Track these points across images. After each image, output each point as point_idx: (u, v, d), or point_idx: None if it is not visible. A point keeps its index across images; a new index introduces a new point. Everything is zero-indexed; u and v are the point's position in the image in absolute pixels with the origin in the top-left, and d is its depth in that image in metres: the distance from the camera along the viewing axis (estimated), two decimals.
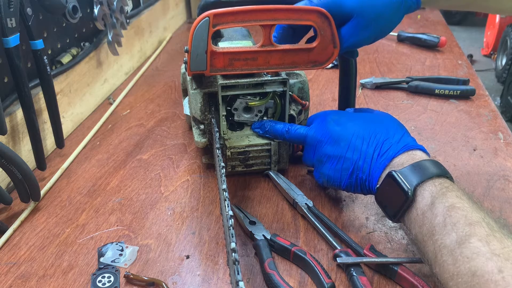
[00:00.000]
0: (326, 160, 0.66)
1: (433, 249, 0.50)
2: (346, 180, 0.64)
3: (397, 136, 0.61)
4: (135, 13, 1.31)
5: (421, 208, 0.53)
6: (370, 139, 0.62)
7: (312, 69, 0.71)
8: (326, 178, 0.66)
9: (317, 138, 0.67)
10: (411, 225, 0.54)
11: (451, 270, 0.46)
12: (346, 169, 0.63)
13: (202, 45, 0.68)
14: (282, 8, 0.67)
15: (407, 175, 0.55)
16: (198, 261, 0.64)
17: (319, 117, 0.70)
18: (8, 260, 0.66)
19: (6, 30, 0.72)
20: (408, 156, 0.58)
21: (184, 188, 0.80)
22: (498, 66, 3.46)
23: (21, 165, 0.70)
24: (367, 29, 0.66)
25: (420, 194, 0.53)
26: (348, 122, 0.66)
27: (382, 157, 0.59)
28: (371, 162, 0.60)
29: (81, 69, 1.01)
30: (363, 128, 0.64)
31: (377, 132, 0.62)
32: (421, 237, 0.52)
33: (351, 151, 0.63)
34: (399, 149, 0.59)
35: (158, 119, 1.03)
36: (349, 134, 0.64)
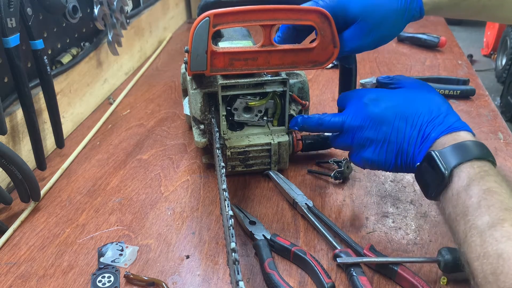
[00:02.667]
0: (369, 145, 0.64)
1: (464, 229, 0.50)
2: (391, 163, 0.62)
3: (441, 117, 0.59)
4: (135, 13, 1.31)
5: (457, 188, 0.52)
6: (413, 120, 0.60)
7: (312, 69, 0.71)
8: (370, 162, 0.64)
9: (356, 123, 0.65)
10: (445, 204, 0.54)
11: (478, 250, 0.46)
12: (390, 152, 0.62)
13: (202, 45, 0.68)
14: (282, 8, 0.67)
15: (446, 155, 0.54)
16: (198, 261, 0.64)
17: (353, 99, 0.67)
18: (8, 260, 0.66)
19: (6, 30, 0.72)
20: (451, 137, 0.57)
21: (184, 188, 0.80)
22: (498, 66, 3.46)
23: (21, 165, 0.70)
24: (370, 34, 0.66)
25: (457, 175, 0.53)
26: (389, 102, 0.63)
27: (426, 139, 0.59)
28: (415, 145, 0.60)
29: (81, 69, 1.01)
30: (405, 107, 0.62)
31: (420, 112, 0.61)
32: (454, 216, 0.52)
33: (395, 134, 0.61)
34: (442, 131, 0.58)
35: (158, 119, 1.03)
36: (391, 116, 0.62)
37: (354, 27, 0.66)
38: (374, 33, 0.66)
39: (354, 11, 0.66)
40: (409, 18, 0.66)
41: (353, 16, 0.66)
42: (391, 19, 0.65)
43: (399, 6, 0.65)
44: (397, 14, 0.65)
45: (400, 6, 0.65)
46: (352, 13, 0.66)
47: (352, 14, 0.66)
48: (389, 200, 0.76)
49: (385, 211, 0.73)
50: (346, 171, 0.80)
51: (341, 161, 0.80)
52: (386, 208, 0.74)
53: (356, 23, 0.66)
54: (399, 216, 0.72)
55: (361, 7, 0.65)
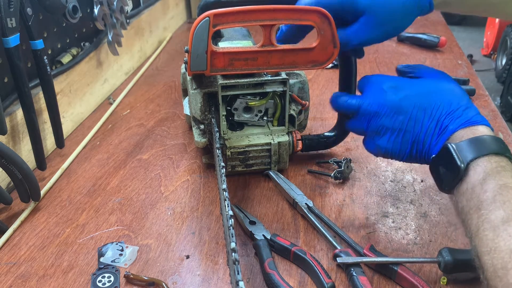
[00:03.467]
0: (384, 132, 0.62)
1: (477, 223, 0.49)
2: (406, 153, 0.62)
3: (460, 110, 0.58)
4: (135, 13, 1.31)
5: (472, 182, 0.52)
6: (432, 111, 0.59)
7: (312, 69, 0.71)
8: (384, 151, 0.63)
9: (373, 110, 0.63)
10: (459, 197, 0.54)
11: (490, 245, 0.46)
12: (406, 141, 0.61)
13: (203, 45, 0.68)
14: (282, 8, 0.67)
15: (463, 149, 0.54)
16: (198, 261, 0.64)
17: (373, 84, 0.66)
18: (8, 260, 0.66)
19: (6, 30, 0.72)
20: (469, 131, 0.56)
21: (184, 188, 0.80)
22: (498, 66, 3.46)
23: (21, 165, 0.70)
24: (379, 27, 0.65)
25: (473, 169, 0.52)
26: (408, 91, 0.62)
27: (443, 131, 0.58)
28: (432, 136, 0.59)
29: (81, 69, 1.01)
30: (425, 98, 0.61)
31: (439, 103, 0.60)
32: (468, 210, 0.51)
33: (412, 124, 0.60)
34: (460, 124, 0.57)
35: (158, 119, 1.03)
36: (410, 106, 0.61)
37: (363, 20, 0.65)
38: (383, 27, 0.65)
39: (362, 4, 0.65)
40: (418, 11, 0.66)
41: (362, 9, 0.65)
42: (401, 12, 0.65)
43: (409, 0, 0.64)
44: (406, 8, 0.65)
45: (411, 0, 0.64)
46: (360, 6, 0.65)
47: (361, 7, 0.65)
48: (389, 200, 0.76)
49: (385, 211, 0.73)
50: (346, 171, 0.80)
51: (341, 161, 0.80)
52: (386, 208, 0.74)
53: (365, 16, 0.65)
54: (399, 216, 0.72)
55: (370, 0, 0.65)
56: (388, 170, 0.83)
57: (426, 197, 0.76)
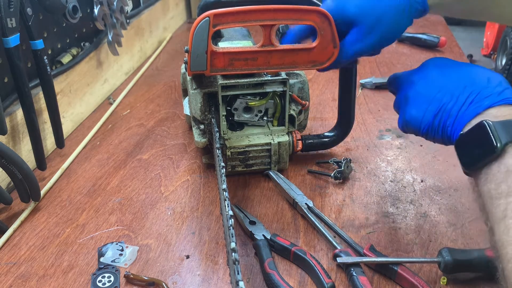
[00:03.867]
0: (413, 99, 0.60)
1: (505, 209, 0.47)
2: (428, 121, 0.58)
3: (500, 88, 0.55)
4: (135, 13, 1.31)
5: (507, 165, 0.49)
6: (467, 85, 0.56)
7: (312, 69, 0.71)
8: (408, 117, 0.60)
9: (411, 79, 0.62)
10: (487, 179, 0.50)
11: None
12: (431, 110, 0.58)
13: (202, 45, 0.68)
14: (282, 8, 0.67)
15: (500, 128, 0.50)
16: (198, 261, 0.64)
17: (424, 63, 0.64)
18: (8, 260, 0.66)
19: (6, 30, 0.72)
20: (508, 110, 0.52)
21: (184, 188, 0.80)
22: (498, 66, 3.45)
23: (21, 165, 0.70)
24: (370, 35, 0.64)
25: (509, 152, 0.49)
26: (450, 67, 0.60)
27: (476, 104, 0.55)
28: (461, 106, 0.55)
29: (81, 69, 1.01)
30: (464, 74, 0.58)
31: (477, 80, 0.57)
32: (495, 193, 0.49)
33: (443, 93, 0.57)
34: (498, 100, 0.54)
35: (158, 119, 1.03)
36: (445, 78, 0.58)
37: (354, 30, 0.64)
38: (374, 34, 0.64)
39: (351, 13, 0.64)
40: (411, 13, 0.63)
41: (352, 18, 0.64)
42: (391, 16, 0.63)
43: (398, 2, 0.62)
44: (397, 10, 0.63)
45: (400, 2, 0.62)
46: (349, 16, 0.64)
47: (350, 16, 0.64)
48: (389, 200, 0.76)
49: (385, 211, 0.73)
50: (346, 171, 0.80)
51: (341, 161, 0.80)
52: (386, 208, 0.74)
53: (355, 25, 0.64)
54: (399, 216, 0.72)
55: (358, 8, 0.63)
56: (388, 170, 0.83)
57: (426, 197, 0.76)
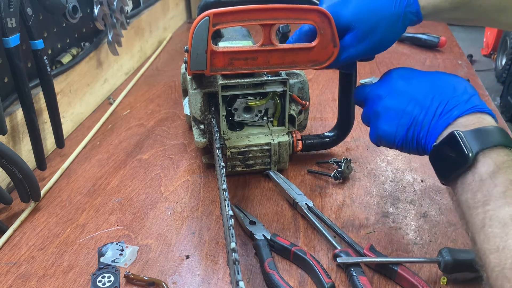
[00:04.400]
0: (384, 113, 0.61)
1: (483, 218, 0.47)
2: (402, 136, 0.59)
3: (466, 96, 0.56)
4: (135, 13, 1.31)
5: (480, 174, 0.49)
6: (435, 95, 0.57)
7: (312, 68, 0.71)
8: (381, 132, 0.61)
9: (378, 93, 0.63)
10: (463, 189, 0.51)
11: (498, 242, 0.44)
12: (403, 124, 0.59)
13: (202, 44, 0.68)
14: (282, 8, 0.67)
15: (471, 138, 0.51)
16: (198, 261, 0.64)
17: (387, 73, 0.65)
18: (8, 260, 0.66)
19: (6, 30, 0.72)
20: (476, 118, 0.53)
21: (184, 188, 0.80)
22: (498, 66, 3.45)
23: (21, 165, 0.70)
24: (364, 41, 0.65)
25: (482, 161, 0.50)
26: (415, 77, 0.61)
27: (446, 114, 0.55)
28: (432, 118, 0.56)
29: (81, 69, 1.01)
30: (430, 83, 0.59)
31: (444, 89, 0.58)
32: (472, 203, 0.49)
33: (412, 105, 0.58)
34: (466, 109, 0.54)
35: (158, 119, 1.03)
36: (412, 89, 0.59)
37: (348, 35, 0.65)
38: (368, 40, 0.64)
39: (346, 19, 0.65)
40: (405, 22, 0.64)
41: (347, 24, 0.65)
42: (385, 24, 0.64)
43: (393, 11, 0.63)
44: (391, 19, 0.64)
45: (395, 11, 0.63)
46: (344, 21, 0.65)
47: (345, 22, 0.65)
48: (389, 200, 0.76)
49: (385, 211, 0.73)
50: (346, 171, 0.80)
51: (341, 161, 0.80)
52: (386, 208, 0.74)
53: (350, 30, 0.65)
54: (399, 216, 0.72)
55: (353, 15, 0.64)
56: (388, 170, 0.83)
57: (426, 197, 0.76)
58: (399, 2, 0.63)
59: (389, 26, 0.64)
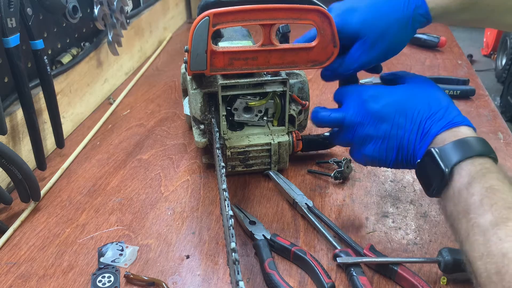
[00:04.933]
0: (369, 141, 0.63)
1: (466, 227, 0.49)
2: (392, 159, 0.62)
3: (441, 112, 0.58)
4: (135, 13, 1.31)
5: (458, 186, 0.52)
6: (413, 116, 0.59)
7: (312, 68, 0.71)
8: (370, 159, 0.64)
9: (356, 120, 0.63)
10: (447, 202, 0.53)
11: (481, 249, 0.46)
12: (391, 148, 0.61)
13: (202, 44, 0.68)
14: (282, 8, 0.67)
15: (447, 153, 0.53)
16: (198, 261, 0.64)
17: (352, 94, 0.66)
18: (8, 260, 0.66)
19: (6, 30, 0.72)
20: (451, 133, 0.56)
21: (184, 188, 0.80)
22: (498, 66, 3.45)
23: (21, 165, 0.70)
24: (374, 48, 0.64)
25: (458, 173, 0.52)
26: (388, 98, 0.62)
27: (426, 134, 0.58)
28: (415, 141, 0.59)
29: (81, 69, 1.01)
30: (405, 103, 0.61)
31: (419, 107, 0.60)
32: (456, 215, 0.51)
33: (395, 130, 0.60)
34: (442, 127, 0.57)
35: (158, 119, 1.03)
36: (391, 113, 0.61)
37: (358, 43, 0.65)
38: (378, 47, 0.64)
39: (354, 27, 0.64)
40: (415, 25, 0.64)
41: (356, 32, 0.65)
42: (395, 29, 0.64)
43: (402, 15, 0.63)
44: (401, 23, 0.63)
45: (404, 15, 0.63)
46: (352, 29, 0.65)
47: (353, 30, 0.65)
48: (389, 200, 0.76)
49: (385, 211, 0.73)
50: (346, 171, 0.80)
51: (341, 161, 0.80)
52: (386, 208, 0.74)
53: (359, 39, 0.65)
54: (399, 216, 0.72)
55: (361, 22, 0.64)
56: (388, 170, 0.83)
57: (426, 197, 0.76)
58: (407, 5, 0.63)
59: (399, 31, 0.64)
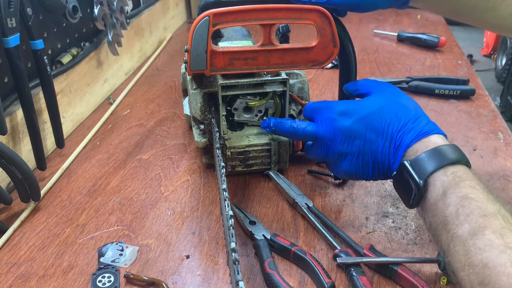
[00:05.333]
0: (344, 157, 0.64)
1: (446, 238, 0.49)
2: (368, 173, 0.63)
3: (410, 123, 0.59)
4: (135, 13, 1.31)
5: (433, 198, 0.52)
6: (383, 130, 0.60)
7: (312, 68, 0.71)
8: (348, 174, 0.65)
9: (328, 137, 0.64)
10: (425, 213, 0.54)
11: (463, 260, 0.46)
12: (366, 163, 0.62)
13: (202, 44, 0.68)
14: (282, 8, 0.67)
15: (419, 164, 0.54)
16: (198, 261, 0.64)
17: (322, 111, 0.67)
18: (8, 260, 0.66)
19: (6, 30, 0.72)
20: (422, 144, 0.56)
21: (184, 188, 0.80)
22: (498, 66, 3.45)
23: (21, 165, 0.70)
24: None
25: (432, 184, 0.52)
26: (357, 114, 0.63)
27: (398, 148, 0.58)
28: (388, 155, 0.59)
29: (81, 69, 1.01)
30: (374, 118, 0.61)
31: (389, 120, 0.60)
32: (435, 226, 0.51)
33: (368, 146, 0.61)
34: (412, 138, 0.57)
35: (158, 119, 1.03)
36: (362, 129, 0.62)
37: None
38: None
39: None
40: None
41: None
42: None
43: None
44: None
45: None
46: None
47: None
48: (389, 200, 0.76)
49: (385, 211, 0.73)
50: None
51: None
52: (386, 208, 0.74)
53: None
54: (399, 216, 0.72)
55: None
56: None
57: None
58: None
59: None
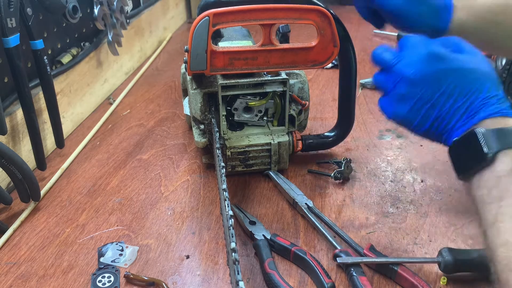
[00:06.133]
0: (408, 100, 0.58)
1: (496, 213, 0.48)
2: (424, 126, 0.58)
3: (495, 99, 0.56)
4: (135, 13, 1.31)
5: (498, 171, 0.50)
6: (468, 93, 0.56)
7: (312, 68, 0.71)
8: (401, 118, 0.59)
9: (406, 73, 0.58)
10: (479, 185, 0.52)
11: (507, 236, 0.46)
12: (428, 116, 0.57)
13: (202, 44, 0.68)
14: (282, 7, 0.67)
15: (491, 137, 0.52)
16: (198, 261, 0.64)
17: (416, 46, 0.61)
18: (8, 260, 0.66)
19: (6, 30, 0.72)
20: (499, 121, 0.53)
21: (184, 188, 0.80)
22: (498, 66, 3.45)
23: (21, 165, 0.70)
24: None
25: (501, 159, 0.50)
26: (450, 64, 0.58)
27: (472, 115, 0.55)
28: (459, 117, 0.56)
29: (81, 69, 1.01)
30: (465, 77, 0.57)
31: (477, 86, 0.56)
32: (487, 199, 0.50)
33: (443, 98, 0.57)
34: (492, 113, 0.54)
35: (158, 119, 1.03)
36: (446, 81, 0.57)
37: None
38: None
39: None
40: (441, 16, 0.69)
41: None
42: None
43: None
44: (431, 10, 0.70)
45: None
46: None
47: None
48: (389, 200, 0.76)
49: (385, 211, 0.73)
50: (346, 171, 0.80)
51: (341, 161, 0.80)
52: (386, 208, 0.74)
53: None
54: (399, 216, 0.72)
55: None
56: (388, 170, 0.83)
57: (426, 197, 0.76)
58: None
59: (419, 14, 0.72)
